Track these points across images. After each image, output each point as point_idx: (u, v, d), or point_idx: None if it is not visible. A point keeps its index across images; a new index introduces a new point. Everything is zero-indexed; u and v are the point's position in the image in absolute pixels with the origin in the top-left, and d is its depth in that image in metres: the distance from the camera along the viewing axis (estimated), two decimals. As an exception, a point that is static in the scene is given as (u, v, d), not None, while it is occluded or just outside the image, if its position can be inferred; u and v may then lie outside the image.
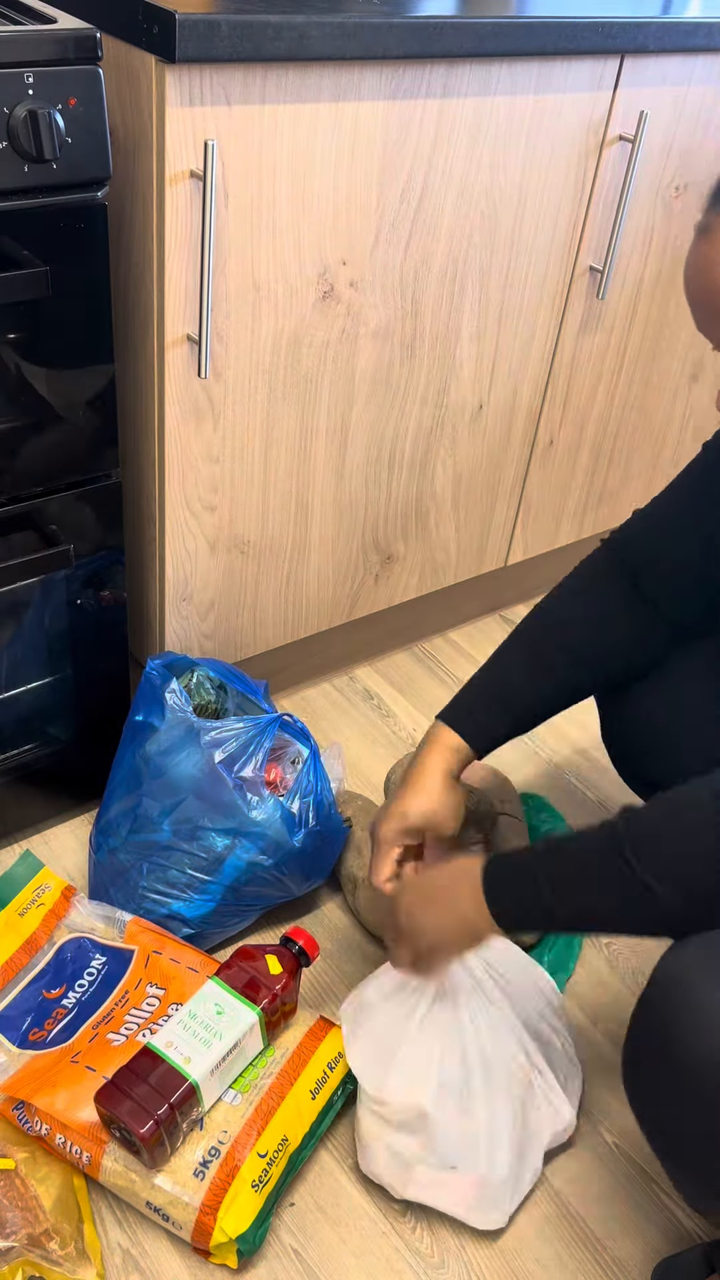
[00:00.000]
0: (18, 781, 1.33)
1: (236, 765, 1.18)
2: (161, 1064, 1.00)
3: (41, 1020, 1.11)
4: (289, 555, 1.44)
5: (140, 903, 1.21)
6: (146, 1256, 1.01)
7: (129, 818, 1.22)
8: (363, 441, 1.41)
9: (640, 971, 1.32)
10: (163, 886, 1.20)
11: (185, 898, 1.20)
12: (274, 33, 1.03)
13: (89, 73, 0.95)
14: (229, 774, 1.18)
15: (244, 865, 1.19)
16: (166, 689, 1.22)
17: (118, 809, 1.24)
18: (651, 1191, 1.11)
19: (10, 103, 0.91)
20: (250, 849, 1.18)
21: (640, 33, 1.29)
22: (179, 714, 1.20)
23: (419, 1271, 1.03)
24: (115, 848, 1.23)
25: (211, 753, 1.18)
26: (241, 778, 1.18)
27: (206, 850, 1.18)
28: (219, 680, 1.32)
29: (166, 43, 0.98)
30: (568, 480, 1.71)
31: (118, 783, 1.25)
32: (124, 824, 1.23)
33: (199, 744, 1.18)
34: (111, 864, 1.23)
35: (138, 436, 1.27)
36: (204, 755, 1.18)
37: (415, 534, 1.57)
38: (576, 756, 1.62)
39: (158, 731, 1.21)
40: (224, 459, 1.28)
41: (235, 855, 1.18)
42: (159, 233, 1.09)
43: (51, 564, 1.17)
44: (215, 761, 1.18)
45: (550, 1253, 1.05)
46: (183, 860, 1.19)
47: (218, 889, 1.19)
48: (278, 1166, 1.01)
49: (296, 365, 1.27)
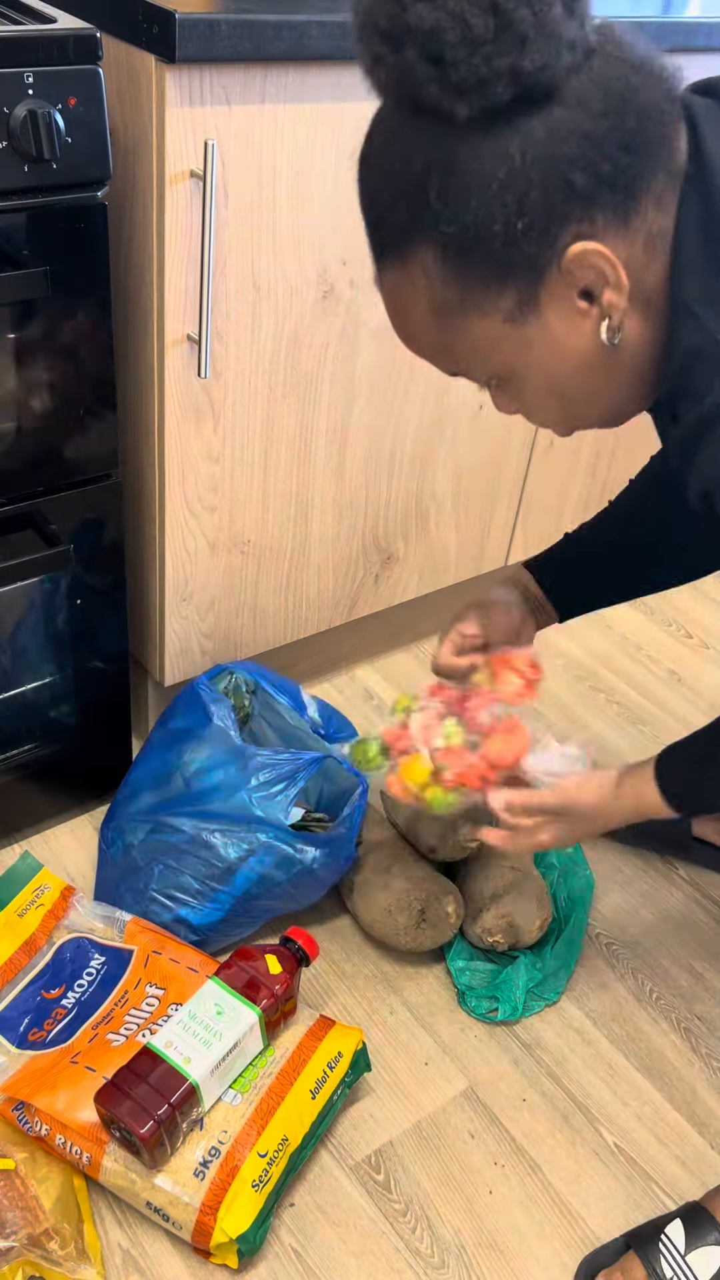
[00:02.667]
0: (17, 781, 1.33)
1: (272, 790, 1.20)
2: (161, 1064, 1.00)
3: (41, 1021, 1.11)
4: (289, 555, 1.44)
5: (148, 905, 1.21)
6: (146, 1257, 1.01)
7: (150, 819, 1.22)
8: (363, 441, 1.40)
9: (640, 971, 1.32)
10: (174, 890, 1.20)
11: (195, 905, 1.20)
12: (274, 32, 1.03)
13: (89, 72, 0.95)
14: (263, 796, 1.19)
15: (256, 878, 1.19)
16: (214, 703, 1.23)
17: (139, 808, 1.24)
18: (652, 1191, 1.11)
19: (10, 103, 0.91)
20: (267, 864, 1.19)
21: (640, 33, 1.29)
22: (225, 733, 1.22)
23: (419, 1271, 1.03)
24: (131, 845, 1.23)
25: (253, 777, 1.20)
26: (274, 802, 1.19)
27: (222, 860, 1.18)
28: (254, 683, 1.34)
29: (166, 42, 0.98)
30: (568, 480, 1.71)
31: (142, 782, 1.26)
32: (144, 824, 1.23)
33: (241, 768, 1.20)
34: (125, 861, 1.23)
35: (138, 436, 1.27)
36: (243, 778, 1.20)
37: (415, 534, 1.57)
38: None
39: (200, 744, 1.22)
40: (224, 459, 1.28)
41: (249, 867, 1.18)
42: (159, 233, 1.09)
43: (51, 564, 1.16)
44: (252, 785, 1.19)
45: (550, 1252, 1.05)
46: (198, 867, 1.19)
47: (228, 899, 1.19)
48: (278, 1166, 1.01)
49: (296, 365, 1.27)
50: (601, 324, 0.72)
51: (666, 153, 0.69)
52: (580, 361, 0.75)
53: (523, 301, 0.71)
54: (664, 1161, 1.13)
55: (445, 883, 1.25)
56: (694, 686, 1.78)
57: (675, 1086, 1.20)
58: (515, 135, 0.65)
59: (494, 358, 0.76)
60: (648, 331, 0.74)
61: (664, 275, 0.72)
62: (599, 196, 0.67)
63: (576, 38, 0.65)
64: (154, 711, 1.51)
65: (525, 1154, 1.13)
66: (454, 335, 0.75)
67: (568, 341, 0.74)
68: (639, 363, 0.76)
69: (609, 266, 0.69)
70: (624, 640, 1.87)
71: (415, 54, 0.63)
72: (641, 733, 1.67)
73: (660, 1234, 1.00)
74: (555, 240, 0.68)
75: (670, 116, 0.69)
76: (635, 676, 1.79)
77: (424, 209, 0.68)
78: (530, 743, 1.04)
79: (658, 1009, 1.28)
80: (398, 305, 0.77)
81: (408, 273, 0.73)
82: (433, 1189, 1.09)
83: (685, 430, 0.73)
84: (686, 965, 1.34)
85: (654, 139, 0.68)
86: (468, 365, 0.78)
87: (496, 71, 0.63)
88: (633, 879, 1.44)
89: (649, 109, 0.67)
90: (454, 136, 0.66)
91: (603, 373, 0.76)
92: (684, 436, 0.74)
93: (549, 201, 0.67)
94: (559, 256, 0.69)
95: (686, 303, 0.70)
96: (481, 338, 0.74)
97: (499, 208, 0.67)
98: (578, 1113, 1.17)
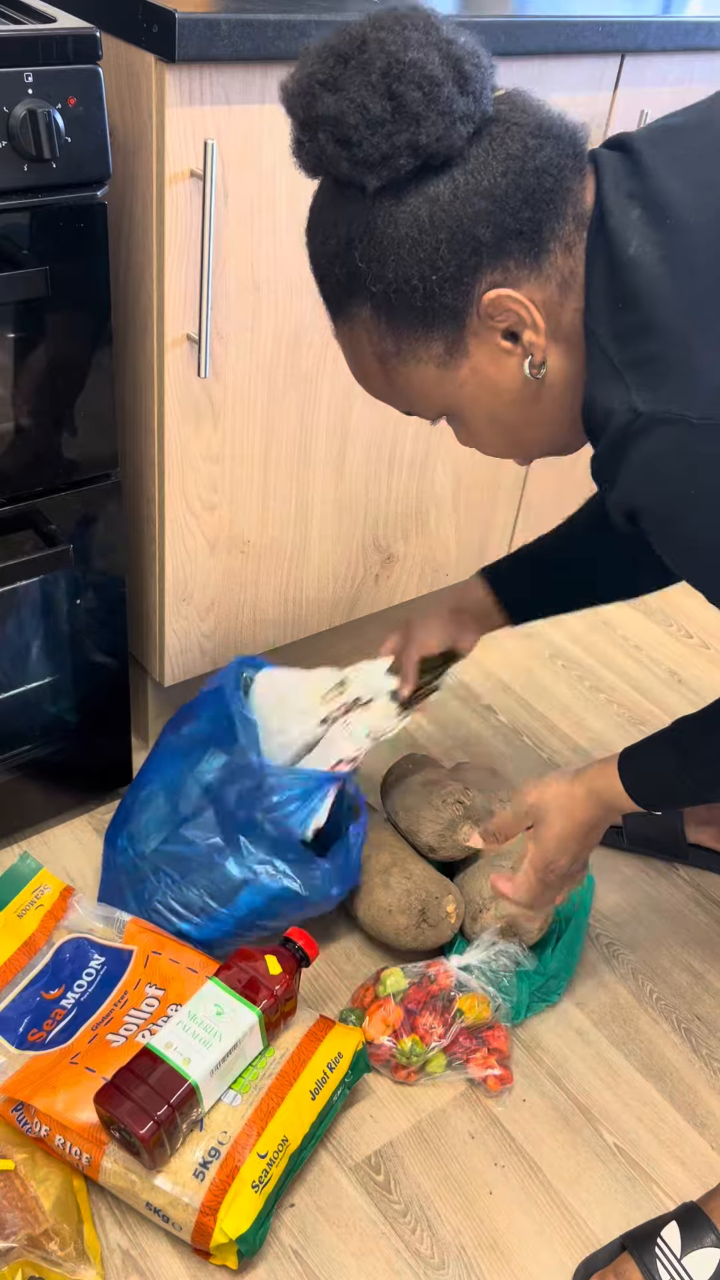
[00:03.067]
0: (16, 781, 1.32)
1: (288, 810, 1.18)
2: (161, 1065, 1.00)
3: (40, 1021, 1.11)
4: (289, 555, 1.43)
5: (150, 915, 1.20)
6: (146, 1257, 1.01)
7: (164, 828, 1.22)
8: (363, 441, 1.40)
9: (640, 972, 1.32)
10: (179, 905, 1.19)
11: (197, 922, 1.19)
12: (274, 32, 1.02)
13: (89, 72, 0.95)
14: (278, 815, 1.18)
15: (260, 903, 1.18)
16: (240, 715, 1.22)
17: (152, 816, 1.23)
18: (652, 1192, 1.11)
19: (10, 102, 0.91)
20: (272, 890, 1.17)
21: (640, 32, 1.29)
22: (249, 748, 1.20)
23: (419, 1272, 1.03)
24: (143, 853, 1.22)
25: (269, 796, 1.18)
26: (289, 826, 1.18)
27: (228, 880, 1.17)
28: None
29: (166, 42, 0.98)
30: (568, 480, 1.71)
31: (155, 789, 1.24)
32: (158, 833, 1.22)
33: (259, 784, 1.18)
34: (133, 870, 1.22)
35: (138, 436, 1.27)
36: (260, 795, 1.17)
37: (415, 534, 1.57)
38: (573, 755, 1.62)
39: (220, 754, 1.21)
40: (224, 459, 1.28)
41: (252, 892, 1.17)
42: (159, 232, 1.09)
43: (51, 564, 1.16)
44: (267, 804, 1.18)
45: (550, 1253, 1.05)
46: (205, 884, 1.18)
47: (229, 920, 1.18)
48: (278, 1167, 1.01)
49: (296, 365, 1.27)
50: (524, 361, 0.80)
51: (571, 203, 0.76)
52: (512, 397, 0.82)
53: (450, 346, 0.79)
54: (664, 1162, 1.13)
55: (445, 883, 1.25)
56: (694, 686, 1.78)
57: (675, 1087, 1.20)
58: (423, 200, 0.73)
59: (435, 398, 0.84)
60: (571, 365, 0.81)
61: (579, 311, 0.79)
62: (506, 246, 0.75)
63: (471, 111, 0.72)
64: (154, 712, 1.51)
65: (525, 1154, 1.13)
66: (398, 380, 0.83)
67: (498, 380, 0.81)
68: (567, 393, 0.83)
69: (522, 309, 0.76)
70: (624, 640, 1.86)
71: (326, 137, 0.73)
72: (641, 733, 1.66)
73: (656, 1236, 1.00)
74: (470, 290, 0.76)
75: (572, 170, 0.76)
76: (635, 676, 1.79)
77: (354, 271, 0.77)
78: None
79: (658, 1009, 1.28)
80: (350, 355, 0.85)
81: (352, 327, 0.82)
82: (433, 1190, 1.09)
83: (602, 454, 0.79)
84: (686, 965, 1.33)
85: (555, 192, 0.75)
86: (416, 406, 0.86)
87: (396, 147, 0.71)
88: (633, 880, 1.44)
89: (548, 166, 0.74)
90: (370, 206, 0.75)
91: (535, 405, 0.83)
92: (601, 460, 0.79)
93: (459, 255, 0.74)
94: (476, 304, 0.77)
95: (595, 334, 0.77)
96: (421, 380, 0.82)
97: (414, 265, 0.75)
98: (578, 1113, 1.17)
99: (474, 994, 1.17)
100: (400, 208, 0.74)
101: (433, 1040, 1.14)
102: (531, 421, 0.84)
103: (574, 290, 0.78)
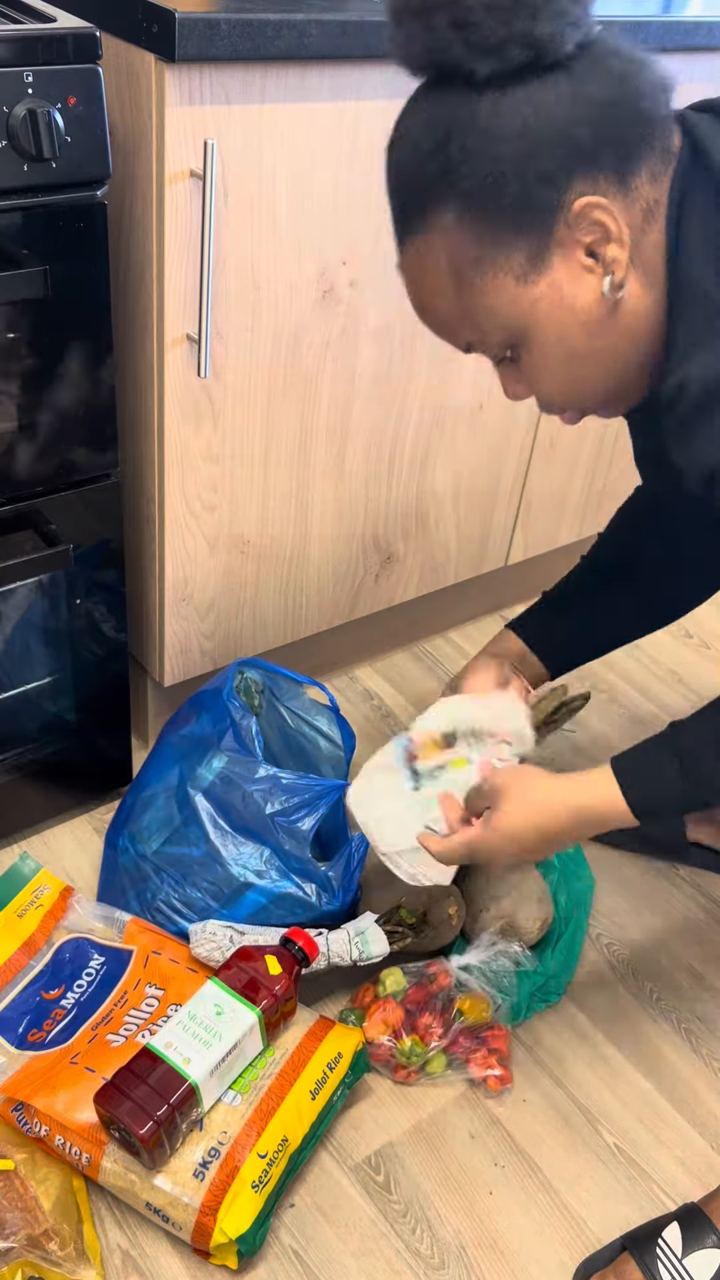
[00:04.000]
0: (16, 781, 1.33)
1: (291, 818, 1.19)
2: (161, 1065, 1.00)
3: (40, 1021, 1.11)
4: (289, 555, 1.43)
5: (153, 916, 1.20)
6: (146, 1257, 1.01)
7: (166, 828, 1.21)
8: (363, 441, 1.40)
9: (640, 972, 1.32)
10: (181, 905, 1.19)
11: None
12: (274, 32, 1.02)
13: (89, 72, 0.95)
14: (283, 821, 1.18)
15: (258, 909, 1.18)
16: (240, 718, 1.22)
17: (154, 816, 1.23)
18: (652, 1192, 1.11)
19: (10, 102, 0.91)
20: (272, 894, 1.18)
21: (640, 32, 1.29)
22: (249, 750, 1.20)
23: (419, 1272, 1.03)
24: (144, 854, 1.22)
25: (273, 801, 1.18)
26: (292, 830, 1.18)
27: (230, 884, 1.18)
28: (261, 683, 1.33)
29: (166, 42, 0.98)
30: (568, 480, 1.71)
31: (157, 789, 1.24)
32: (159, 833, 1.22)
33: (261, 788, 1.18)
34: (137, 869, 1.22)
35: (137, 436, 1.26)
36: (263, 800, 1.18)
37: (415, 534, 1.57)
38: (573, 754, 1.62)
39: (221, 756, 1.21)
40: (224, 459, 1.28)
41: (252, 898, 1.18)
42: (159, 232, 1.09)
43: (51, 564, 1.16)
44: (268, 810, 1.18)
45: (550, 1253, 1.05)
46: (207, 887, 1.18)
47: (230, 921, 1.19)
48: (278, 1167, 1.01)
49: (296, 365, 1.27)
50: (605, 280, 0.79)
51: (661, 133, 0.77)
52: (586, 317, 0.80)
53: (533, 256, 0.78)
54: (664, 1162, 1.13)
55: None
56: (694, 686, 1.78)
57: (675, 1087, 1.20)
58: (527, 97, 0.74)
59: (506, 315, 0.81)
60: (647, 298, 0.81)
61: (661, 247, 0.79)
62: (602, 157, 0.75)
63: (580, 19, 0.74)
64: (154, 711, 1.51)
65: (525, 1155, 1.13)
66: (470, 297, 0.81)
67: (575, 298, 0.80)
68: (639, 327, 0.82)
69: (611, 221, 0.76)
70: (624, 640, 1.86)
71: (442, 21, 0.72)
72: (642, 733, 1.66)
73: (657, 1237, 1.00)
74: (563, 194, 0.76)
75: (664, 102, 0.78)
76: (635, 676, 1.79)
77: (449, 166, 0.76)
78: None
79: (658, 1009, 1.28)
80: (419, 274, 0.83)
81: (429, 239, 0.80)
82: (433, 1190, 1.09)
83: (687, 409, 0.77)
84: (686, 965, 1.33)
85: (650, 116, 0.76)
86: (482, 329, 0.83)
87: (512, 34, 0.71)
88: (633, 880, 1.44)
89: (646, 90, 0.76)
90: (474, 97, 0.74)
91: (607, 333, 0.82)
92: (687, 414, 0.78)
93: (556, 155, 0.74)
94: (566, 211, 0.76)
95: (692, 274, 0.77)
96: (496, 294, 0.80)
97: (512, 159, 0.75)
98: (578, 1113, 1.17)
99: (474, 994, 1.17)
100: (504, 101, 0.74)
101: (433, 1040, 1.14)
102: (598, 352, 0.83)
103: (656, 221, 0.78)
